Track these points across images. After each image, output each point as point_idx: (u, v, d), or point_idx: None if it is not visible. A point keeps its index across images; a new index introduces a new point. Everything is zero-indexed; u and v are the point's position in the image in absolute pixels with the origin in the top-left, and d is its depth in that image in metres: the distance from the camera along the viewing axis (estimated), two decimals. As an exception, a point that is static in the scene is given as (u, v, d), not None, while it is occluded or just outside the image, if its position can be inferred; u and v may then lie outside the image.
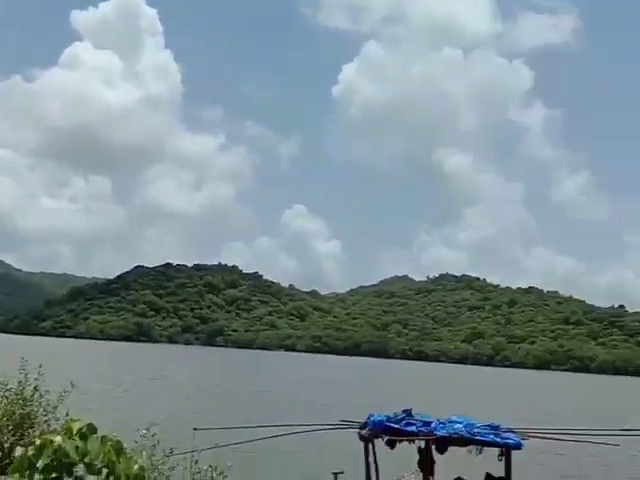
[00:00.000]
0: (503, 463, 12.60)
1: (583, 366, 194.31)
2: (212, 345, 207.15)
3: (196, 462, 7.71)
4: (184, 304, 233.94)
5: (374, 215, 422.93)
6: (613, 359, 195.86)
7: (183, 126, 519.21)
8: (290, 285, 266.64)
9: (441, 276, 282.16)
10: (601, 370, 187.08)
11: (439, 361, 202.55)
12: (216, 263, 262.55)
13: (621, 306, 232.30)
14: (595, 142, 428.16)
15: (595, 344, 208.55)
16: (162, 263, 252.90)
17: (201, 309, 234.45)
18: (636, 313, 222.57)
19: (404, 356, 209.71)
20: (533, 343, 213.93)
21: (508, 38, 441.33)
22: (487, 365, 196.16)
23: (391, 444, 12.93)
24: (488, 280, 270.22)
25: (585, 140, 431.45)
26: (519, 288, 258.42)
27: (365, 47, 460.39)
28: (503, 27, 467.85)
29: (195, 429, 11.39)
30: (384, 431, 12.58)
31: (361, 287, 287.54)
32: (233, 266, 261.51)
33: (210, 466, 7.66)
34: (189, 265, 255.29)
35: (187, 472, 7.70)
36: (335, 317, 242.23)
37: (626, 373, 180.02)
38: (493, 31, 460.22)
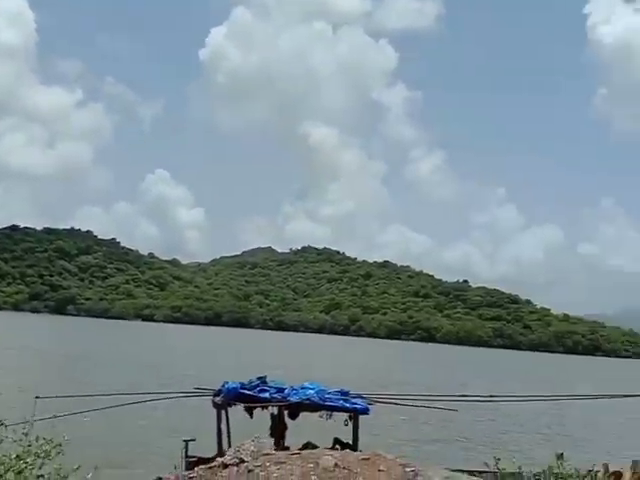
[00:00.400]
0: (351, 427, 13.17)
1: (430, 336, 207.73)
2: (62, 314, 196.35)
3: (26, 434, 7.12)
4: (32, 270, 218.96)
5: (239, 185, 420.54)
6: (456, 330, 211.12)
7: (37, 78, 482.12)
8: (150, 253, 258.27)
9: (303, 248, 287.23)
10: (445, 340, 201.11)
11: (298, 331, 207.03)
12: (69, 227, 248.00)
13: (465, 281, 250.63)
14: (449, 125, 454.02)
15: (441, 316, 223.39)
16: (8, 225, 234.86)
17: (51, 276, 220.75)
18: (478, 288, 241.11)
19: (265, 326, 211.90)
20: (385, 314, 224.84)
21: (376, 18, 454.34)
22: (343, 334, 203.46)
23: (250, 411, 13.05)
24: (347, 254, 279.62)
25: (441, 123, 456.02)
26: (375, 262, 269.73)
27: (234, 12, 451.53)
28: (372, 6, 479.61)
29: (37, 397, 10.75)
30: (238, 398, 12.66)
31: (224, 257, 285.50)
32: (88, 231, 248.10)
33: (43, 438, 7.07)
34: (39, 228, 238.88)
35: (16, 444, 7.08)
36: (196, 287, 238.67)
37: (468, 343, 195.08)
38: (362, 9, 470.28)
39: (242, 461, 9.73)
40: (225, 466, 9.76)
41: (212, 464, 10.20)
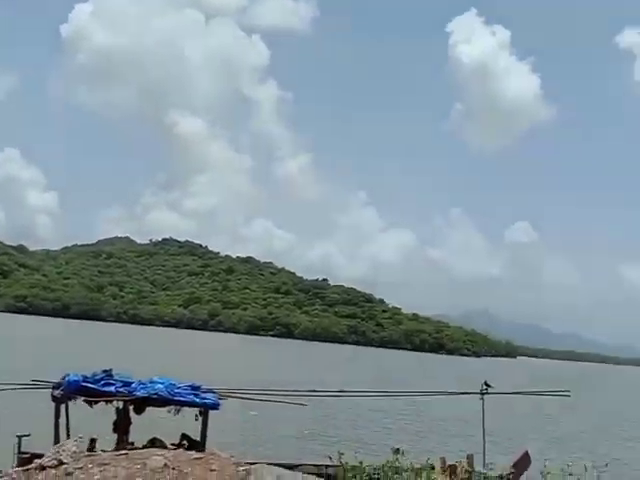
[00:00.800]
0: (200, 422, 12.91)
1: (288, 332, 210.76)
2: None
3: None
4: None
5: (98, 170, 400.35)
6: (314, 327, 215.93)
7: None
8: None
9: (164, 240, 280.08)
10: (303, 336, 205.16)
11: (154, 325, 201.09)
12: None
13: (325, 279, 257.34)
14: (318, 127, 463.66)
15: (300, 313, 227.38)
16: None
17: None
18: (336, 286, 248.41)
19: (118, 319, 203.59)
20: (246, 309, 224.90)
21: (250, 13, 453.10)
22: (201, 329, 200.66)
23: (92, 405, 12.40)
24: (210, 247, 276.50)
25: (309, 124, 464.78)
26: (238, 257, 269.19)
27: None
28: (247, 1, 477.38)
29: None
30: (79, 391, 11.99)
31: (77, 245, 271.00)
32: None
33: None
34: None
35: None
36: (44, 276, 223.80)
37: (324, 339, 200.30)
38: (237, 3, 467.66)
39: (61, 463, 9.08)
40: (43, 468, 9.07)
41: (28, 466, 9.46)
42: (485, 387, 13.04)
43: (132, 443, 12.33)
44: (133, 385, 12.43)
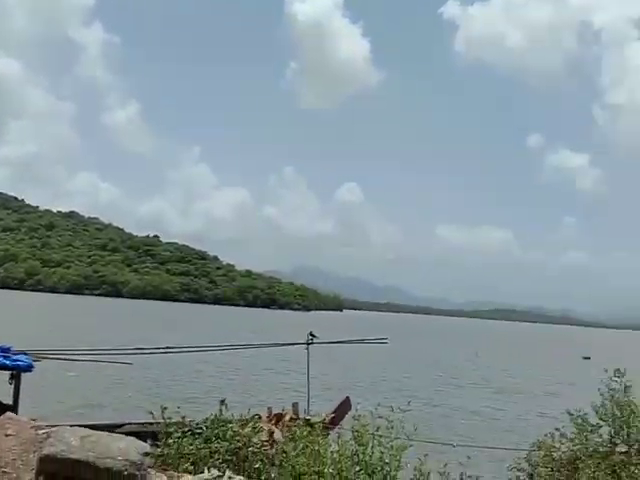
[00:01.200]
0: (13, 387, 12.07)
1: (116, 291, 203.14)
2: None
3: None
4: None
5: None
6: (144, 285, 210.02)
7: None
8: None
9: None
10: (132, 295, 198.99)
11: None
12: None
13: (156, 236, 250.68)
14: (148, 77, 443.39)
15: (129, 270, 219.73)
16: None
17: None
18: (168, 243, 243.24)
19: None
20: (69, 268, 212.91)
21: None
22: (17, 289, 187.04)
23: None
24: (27, 201, 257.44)
25: (140, 73, 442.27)
26: (59, 212, 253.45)
27: None
28: None
29: None
30: None
31: None
32: None
33: None
34: None
35: None
36: None
37: (155, 298, 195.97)
38: None
39: None
40: None
41: None
42: (310, 338, 13.46)
43: None
44: None
